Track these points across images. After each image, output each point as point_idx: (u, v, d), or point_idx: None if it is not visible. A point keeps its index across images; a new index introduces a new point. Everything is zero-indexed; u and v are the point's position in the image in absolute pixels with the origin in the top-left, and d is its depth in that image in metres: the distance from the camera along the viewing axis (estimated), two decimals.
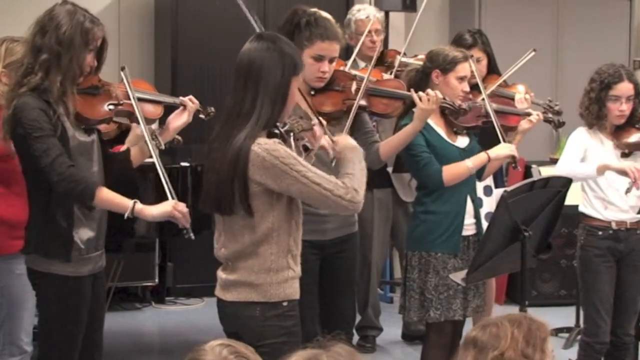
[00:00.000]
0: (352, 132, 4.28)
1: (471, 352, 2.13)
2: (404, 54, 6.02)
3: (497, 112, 4.77)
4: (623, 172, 4.78)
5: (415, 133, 4.43)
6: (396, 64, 5.80)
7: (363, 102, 4.36)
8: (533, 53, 5.46)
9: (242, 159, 3.21)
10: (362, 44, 5.87)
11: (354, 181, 3.34)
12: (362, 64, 5.90)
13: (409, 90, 4.50)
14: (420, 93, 4.40)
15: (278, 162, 3.21)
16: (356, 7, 6.46)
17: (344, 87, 4.36)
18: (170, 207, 3.62)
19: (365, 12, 6.18)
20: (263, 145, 3.22)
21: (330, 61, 4.21)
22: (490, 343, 2.09)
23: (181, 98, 4.07)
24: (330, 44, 4.17)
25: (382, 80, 4.87)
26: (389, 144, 4.46)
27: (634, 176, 4.71)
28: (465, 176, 4.57)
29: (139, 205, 3.63)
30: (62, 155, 3.59)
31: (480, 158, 4.59)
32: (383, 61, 6.08)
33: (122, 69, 3.85)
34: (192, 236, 3.65)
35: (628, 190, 4.74)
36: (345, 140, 3.58)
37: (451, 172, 4.53)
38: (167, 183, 3.67)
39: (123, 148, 4.14)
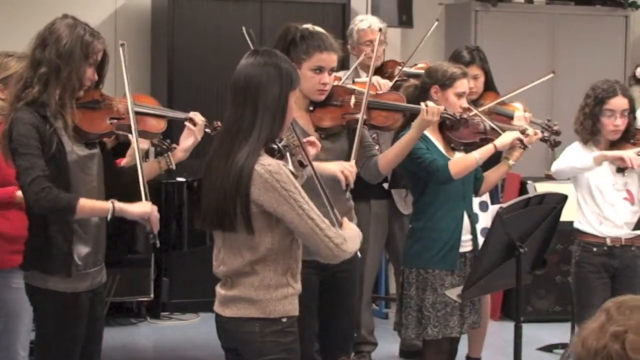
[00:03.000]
0: (349, 148, 4.30)
1: (602, 318, 2.16)
2: (403, 63, 6.06)
3: (494, 129, 4.78)
4: (620, 159, 4.80)
5: (413, 142, 4.41)
6: (396, 73, 5.80)
7: (364, 116, 4.36)
8: (552, 75, 5.44)
9: (245, 178, 3.21)
10: (363, 54, 5.89)
11: (347, 234, 3.37)
12: (363, 75, 5.91)
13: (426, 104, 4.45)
14: (429, 103, 4.40)
15: (278, 186, 3.21)
16: (359, 17, 6.47)
17: (342, 101, 4.35)
18: (149, 208, 3.69)
19: (367, 22, 6.18)
20: (266, 167, 3.22)
21: (330, 72, 4.21)
22: (619, 319, 2.14)
23: (191, 113, 4.05)
24: (329, 54, 4.17)
25: (382, 93, 4.91)
26: (387, 156, 4.44)
27: (630, 163, 4.74)
28: (474, 167, 4.57)
29: (118, 204, 3.67)
30: (42, 177, 3.58)
31: (487, 149, 4.57)
32: (383, 72, 6.07)
33: (122, 45, 3.85)
34: (158, 243, 3.70)
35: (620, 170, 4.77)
36: (349, 226, 3.55)
37: (458, 164, 4.54)
38: (144, 186, 3.72)
39: (124, 162, 4.16)
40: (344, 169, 4.12)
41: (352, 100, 4.37)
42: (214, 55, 7.05)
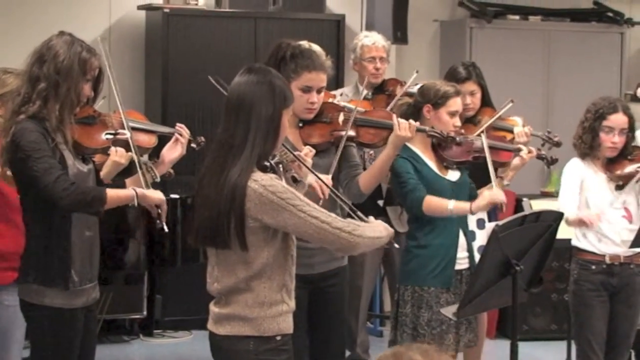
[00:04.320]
0: (339, 165, 4.33)
1: None
2: (404, 82, 5.97)
3: (490, 147, 4.79)
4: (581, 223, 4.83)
5: (390, 160, 4.42)
6: (397, 92, 5.78)
7: (351, 133, 4.38)
8: (510, 104, 5.33)
9: (239, 195, 3.22)
10: (366, 71, 5.94)
11: (359, 223, 3.38)
12: (365, 92, 5.97)
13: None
14: (400, 120, 4.41)
15: (275, 198, 3.22)
16: (364, 33, 6.53)
17: (331, 118, 4.37)
18: (162, 195, 3.81)
19: (372, 39, 6.21)
20: (260, 182, 3.23)
21: (318, 92, 4.23)
22: None
23: (177, 127, 4.14)
24: (317, 74, 4.19)
25: (371, 110, 4.92)
26: (367, 175, 4.44)
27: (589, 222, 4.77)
28: (444, 215, 4.57)
29: (140, 190, 3.77)
30: (65, 174, 3.66)
31: (462, 207, 4.58)
32: (383, 90, 6.11)
33: (103, 39, 3.97)
34: (166, 228, 3.83)
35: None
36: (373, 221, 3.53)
37: (432, 204, 4.55)
38: (146, 184, 3.86)
39: (102, 174, 4.10)
40: (317, 180, 4.10)
41: (341, 117, 4.40)
42: (208, 71, 6.90)
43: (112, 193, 3.70)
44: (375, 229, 3.42)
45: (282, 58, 4.18)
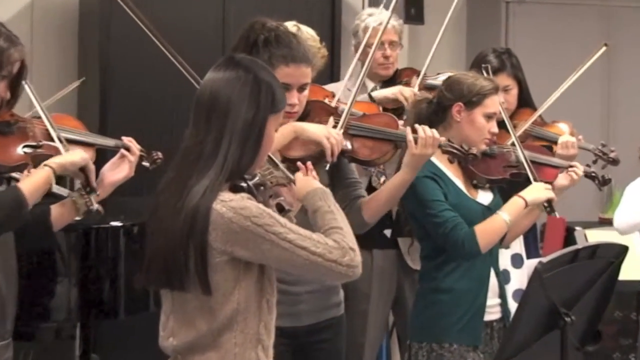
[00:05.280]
0: (331, 185, 4.23)
1: None
2: (425, 74, 5.99)
3: (530, 161, 4.81)
4: None
5: (406, 184, 4.38)
6: (413, 84, 5.82)
7: (344, 144, 4.33)
8: (604, 48, 5.45)
9: (201, 220, 3.22)
10: (373, 60, 5.67)
11: (346, 236, 3.37)
12: (370, 85, 5.98)
13: (413, 129, 4.38)
14: (419, 129, 4.34)
15: (249, 223, 3.22)
16: (368, 10, 6.49)
17: (319, 123, 4.34)
18: (83, 153, 3.87)
19: (377, 18, 6.14)
20: (228, 203, 3.24)
21: (300, 89, 4.22)
22: None
23: (123, 139, 4.13)
24: (297, 67, 4.18)
25: (370, 114, 4.83)
26: (375, 199, 4.41)
27: None
28: (504, 233, 4.58)
29: (53, 161, 3.79)
30: None
31: (515, 206, 4.59)
32: (396, 83, 6.09)
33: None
34: (98, 207, 3.93)
35: None
36: (305, 181, 3.65)
37: (487, 233, 4.52)
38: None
39: None
40: (330, 136, 4.16)
41: (331, 122, 4.38)
42: (164, 64, 6.97)
43: (25, 185, 3.70)
44: (348, 226, 3.43)
45: (254, 44, 4.18)
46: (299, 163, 3.81)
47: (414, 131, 4.32)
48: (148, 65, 6.76)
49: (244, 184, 3.33)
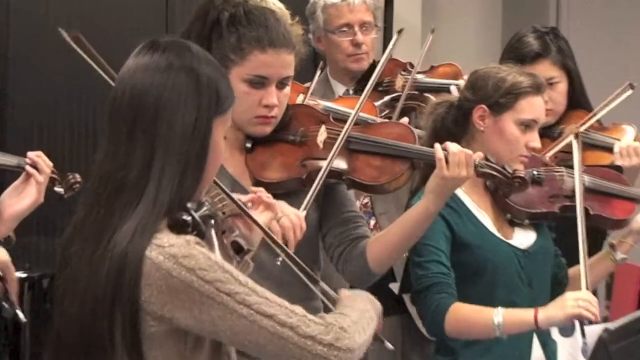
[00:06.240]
0: (321, 221, 4.02)
1: None
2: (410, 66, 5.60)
3: (592, 191, 4.40)
4: None
5: (429, 219, 3.96)
6: (400, 85, 5.43)
7: (340, 163, 3.98)
8: (630, 91, 5.10)
9: (130, 274, 2.86)
10: (339, 50, 5.50)
11: (345, 320, 2.98)
12: (339, 89, 5.61)
13: (431, 142, 4.05)
14: (451, 148, 3.92)
15: (195, 279, 2.84)
16: None
17: (304, 135, 4.03)
18: (5, 254, 3.88)
19: None
20: (166, 250, 2.86)
21: (281, 86, 3.89)
22: None
23: (28, 155, 3.94)
24: (277, 54, 3.85)
25: (376, 124, 4.43)
26: (384, 241, 4.01)
27: None
28: (485, 337, 4.15)
29: None
30: None
31: (520, 320, 4.09)
32: (378, 84, 5.49)
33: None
34: (22, 316, 3.93)
35: None
36: (350, 299, 3.22)
37: (465, 319, 4.14)
38: None
39: None
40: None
41: (323, 134, 4.05)
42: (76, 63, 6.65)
43: None
44: (366, 325, 3.06)
45: (214, 24, 3.88)
46: (253, 187, 3.62)
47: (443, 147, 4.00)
48: (59, 70, 6.61)
49: (187, 218, 2.95)
